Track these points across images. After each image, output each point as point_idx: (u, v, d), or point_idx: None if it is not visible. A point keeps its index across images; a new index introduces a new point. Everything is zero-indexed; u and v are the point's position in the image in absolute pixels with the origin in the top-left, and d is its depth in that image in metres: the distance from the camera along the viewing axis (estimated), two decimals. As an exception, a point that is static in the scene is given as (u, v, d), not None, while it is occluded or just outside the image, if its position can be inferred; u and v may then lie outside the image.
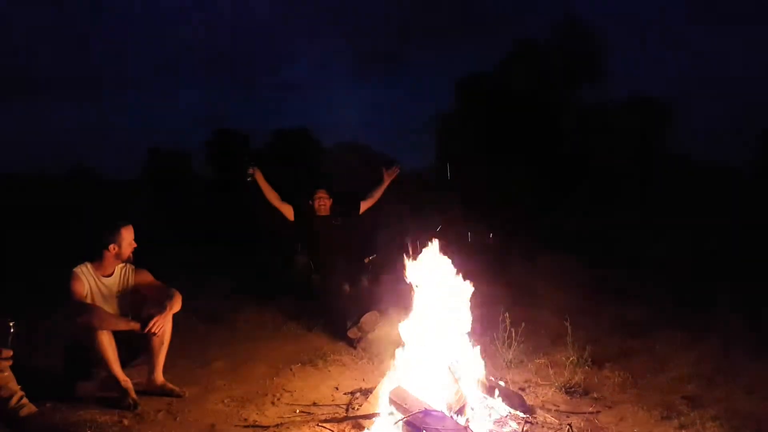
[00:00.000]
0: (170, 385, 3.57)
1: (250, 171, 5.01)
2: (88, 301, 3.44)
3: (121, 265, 3.63)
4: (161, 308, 3.42)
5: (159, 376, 3.57)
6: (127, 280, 3.64)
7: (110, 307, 3.53)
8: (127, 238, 3.57)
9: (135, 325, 3.35)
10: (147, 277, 3.70)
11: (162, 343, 3.52)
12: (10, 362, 2.72)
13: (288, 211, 5.57)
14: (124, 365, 3.42)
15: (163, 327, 3.38)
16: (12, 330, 2.51)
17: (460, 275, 3.49)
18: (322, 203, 5.70)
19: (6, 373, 2.79)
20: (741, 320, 5.12)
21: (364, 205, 5.79)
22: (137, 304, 3.67)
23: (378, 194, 5.80)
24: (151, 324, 3.33)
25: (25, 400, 2.89)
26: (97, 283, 3.52)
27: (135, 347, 3.52)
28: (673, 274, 7.47)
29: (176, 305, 3.51)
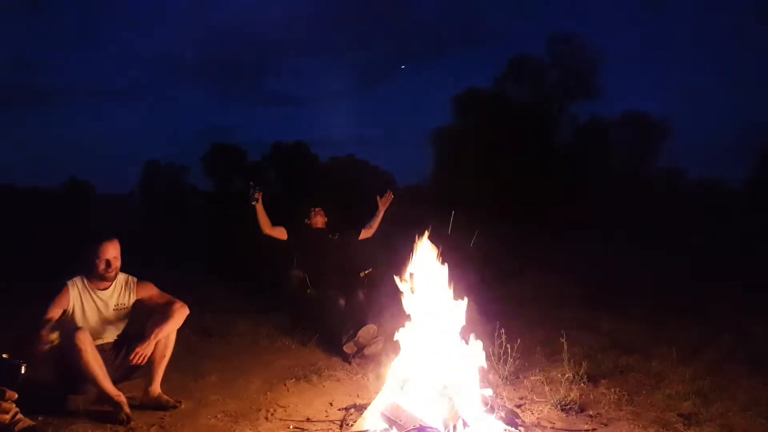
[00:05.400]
0: (166, 397, 3.55)
1: (256, 195, 5.24)
2: (78, 315, 3.40)
3: (123, 277, 3.59)
4: (143, 339, 3.39)
5: (156, 388, 3.54)
6: (129, 292, 3.59)
7: (107, 321, 3.51)
8: (109, 253, 3.45)
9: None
10: (151, 289, 3.66)
11: (163, 356, 3.51)
12: (14, 406, 2.70)
13: (281, 234, 5.54)
14: (121, 380, 3.42)
15: (145, 359, 3.39)
16: (23, 372, 2.48)
17: (454, 289, 3.48)
18: (319, 218, 5.72)
19: (7, 416, 2.75)
20: (736, 336, 5.13)
21: (365, 234, 5.77)
22: (143, 316, 3.64)
23: (376, 223, 5.78)
24: (132, 357, 3.34)
25: (20, 416, 2.87)
26: (92, 296, 3.48)
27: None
28: (668, 288, 7.49)
29: (177, 320, 3.51)
